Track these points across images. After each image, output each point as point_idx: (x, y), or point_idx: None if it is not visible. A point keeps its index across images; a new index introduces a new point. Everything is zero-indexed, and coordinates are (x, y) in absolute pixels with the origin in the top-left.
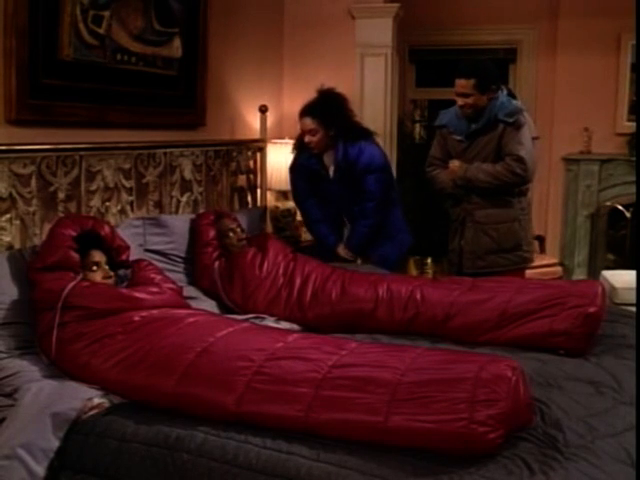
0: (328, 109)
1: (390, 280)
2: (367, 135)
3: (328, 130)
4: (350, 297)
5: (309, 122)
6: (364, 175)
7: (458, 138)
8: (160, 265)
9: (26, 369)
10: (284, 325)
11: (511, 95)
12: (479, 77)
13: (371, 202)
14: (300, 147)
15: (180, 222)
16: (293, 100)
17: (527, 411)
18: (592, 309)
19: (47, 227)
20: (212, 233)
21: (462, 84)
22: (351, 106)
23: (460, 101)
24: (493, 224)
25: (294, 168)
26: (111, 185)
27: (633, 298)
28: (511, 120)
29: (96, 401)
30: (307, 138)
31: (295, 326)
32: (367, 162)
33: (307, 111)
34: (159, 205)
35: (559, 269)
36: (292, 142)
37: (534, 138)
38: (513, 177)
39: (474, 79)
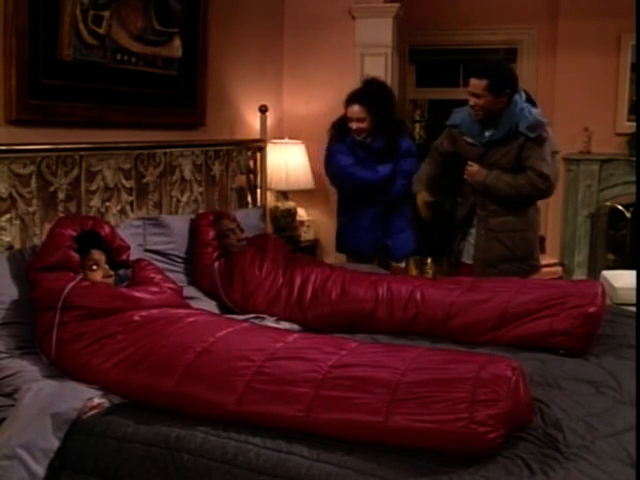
0: (376, 98)
1: (390, 280)
2: (404, 129)
3: (374, 118)
4: (350, 297)
5: (357, 109)
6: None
7: (470, 141)
8: (160, 265)
9: (26, 369)
10: (284, 325)
11: (530, 101)
12: (492, 78)
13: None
14: (339, 131)
15: (180, 222)
16: (293, 100)
17: (527, 411)
18: (592, 309)
19: (47, 227)
20: (212, 233)
21: (474, 84)
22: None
23: (471, 100)
24: (509, 232)
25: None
26: (111, 185)
27: (633, 298)
28: (533, 135)
29: (96, 401)
30: (355, 125)
31: (295, 326)
32: (406, 148)
33: (356, 99)
34: (159, 205)
35: (559, 269)
36: (293, 141)
37: (554, 152)
38: (535, 192)
39: (487, 80)
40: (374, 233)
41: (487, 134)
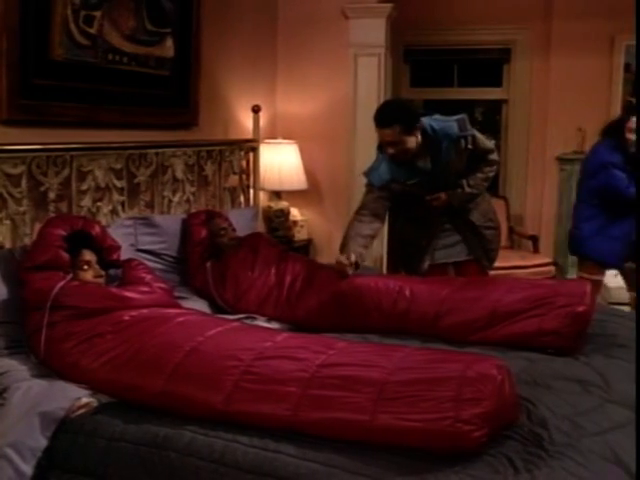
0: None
1: (376, 276)
2: None
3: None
4: (335, 284)
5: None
6: None
7: (414, 181)
8: (151, 265)
9: (15, 368)
10: (274, 325)
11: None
12: (401, 122)
13: None
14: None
15: (171, 222)
16: (286, 100)
17: (513, 410)
18: (581, 308)
19: (38, 227)
20: (204, 233)
21: (387, 134)
22: None
23: (389, 150)
24: (487, 217)
25: None
26: (102, 185)
27: (626, 298)
28: (468, 132)
29: (84, 400)
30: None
31: (286, 326)
32: None
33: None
34: (150, 205)
35: (552, 268)
36: (286, 141)
37: None
38: (496, 167)
39: (397, 125)
40: (623, 244)
41: (422, 164)
